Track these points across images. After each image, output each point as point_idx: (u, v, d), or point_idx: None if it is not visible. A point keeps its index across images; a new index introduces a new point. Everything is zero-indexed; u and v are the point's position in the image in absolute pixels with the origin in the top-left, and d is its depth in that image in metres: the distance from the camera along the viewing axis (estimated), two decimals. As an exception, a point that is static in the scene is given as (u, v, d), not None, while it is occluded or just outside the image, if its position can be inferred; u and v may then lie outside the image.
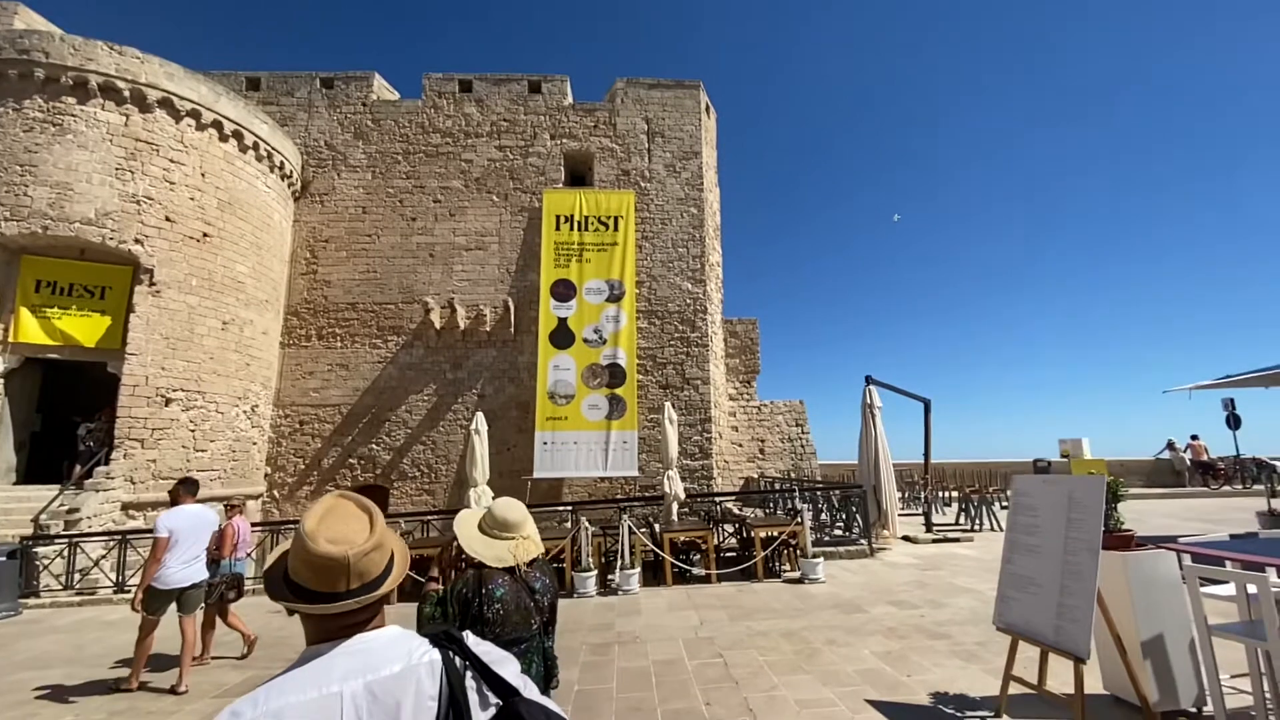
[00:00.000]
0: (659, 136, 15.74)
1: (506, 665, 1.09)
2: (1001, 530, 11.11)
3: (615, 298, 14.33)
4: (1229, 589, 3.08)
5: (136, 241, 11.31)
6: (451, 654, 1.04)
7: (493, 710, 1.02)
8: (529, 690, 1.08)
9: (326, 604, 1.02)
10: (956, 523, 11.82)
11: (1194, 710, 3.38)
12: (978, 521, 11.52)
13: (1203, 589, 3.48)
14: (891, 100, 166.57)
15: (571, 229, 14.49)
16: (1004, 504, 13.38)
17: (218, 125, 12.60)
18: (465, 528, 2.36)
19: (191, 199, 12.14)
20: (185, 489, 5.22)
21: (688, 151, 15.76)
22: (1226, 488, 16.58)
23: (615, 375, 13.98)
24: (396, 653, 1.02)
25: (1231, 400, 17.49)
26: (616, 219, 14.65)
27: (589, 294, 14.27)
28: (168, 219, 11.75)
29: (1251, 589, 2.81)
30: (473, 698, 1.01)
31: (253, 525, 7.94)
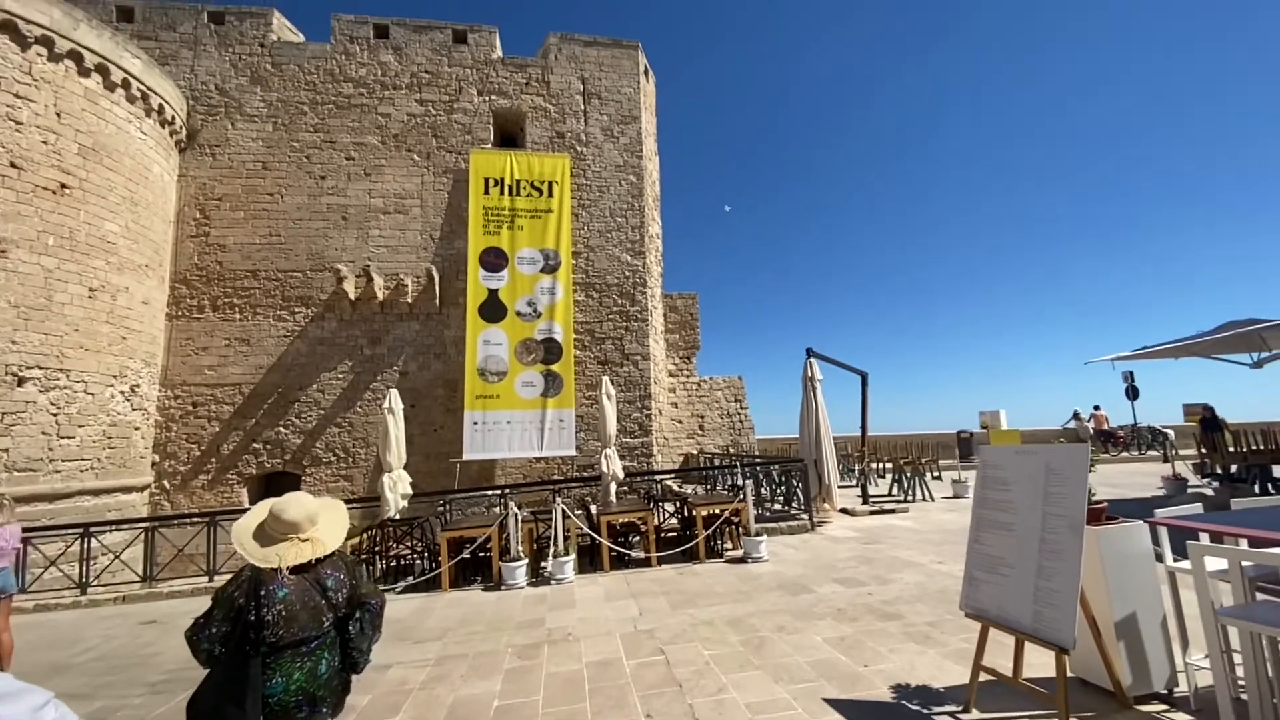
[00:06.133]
0: (595, 98, 14.83)
1: (13, 700, 0.98)
2: (933, 500, 11.32)
3: (550, 268, 13.48)
4: (1216, 564, 2.83)
5: (-27, 191, 9.47)
6: None
7: None
8: None
9: None
10: (890, 494, 11.96)
11: (1165, 692, 3.16)
12: (911, 493, 11.67)
13: (1176, 564, 3.27)
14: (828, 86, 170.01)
15: (502, 193, 13.44)
16: (936, 475, 13.73)
17: (76, 57, 10.67)
18: (246, 519, 2.15)
19: (44, 143, 10.27)
20: None
21: (626, 115, 14.94)
22: (1124, 454, 17.88)
23: (551, 350, 13.21)
24: None
25: (1131, 373, 18.88)
26: (551, 184, 13.71)
27: (522, 264, 13.34)
28: (14, 165, 9.89)
29: (1247, 564, 2.54)
30: None
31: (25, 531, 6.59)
